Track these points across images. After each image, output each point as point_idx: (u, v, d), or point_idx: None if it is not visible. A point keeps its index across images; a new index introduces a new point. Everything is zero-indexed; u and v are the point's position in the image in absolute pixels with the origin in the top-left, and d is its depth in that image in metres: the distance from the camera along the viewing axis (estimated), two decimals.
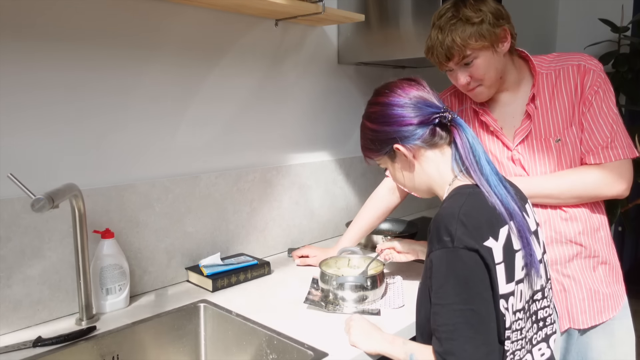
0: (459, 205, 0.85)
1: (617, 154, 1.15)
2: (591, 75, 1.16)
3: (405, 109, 0.93)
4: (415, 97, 0.94)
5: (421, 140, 0.93)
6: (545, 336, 0.96)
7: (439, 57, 1.16)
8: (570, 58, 1.20)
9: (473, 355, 0.81)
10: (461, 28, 1.11)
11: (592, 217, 1.21)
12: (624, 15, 2.91)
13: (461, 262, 0.81)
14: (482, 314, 0.82)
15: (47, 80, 1.16)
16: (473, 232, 0.81)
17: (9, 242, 1.10)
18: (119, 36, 1.27)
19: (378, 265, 1.35)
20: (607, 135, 1.15)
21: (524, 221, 0.89)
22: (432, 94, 0.96)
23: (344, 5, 1.84)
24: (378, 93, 0.99)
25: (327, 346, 1.04)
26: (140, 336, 1.16)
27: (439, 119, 0.92)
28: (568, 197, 1.17)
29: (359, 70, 2.01)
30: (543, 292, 0.95)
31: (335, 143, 1.95)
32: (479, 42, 1.11)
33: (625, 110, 2.92)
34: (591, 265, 1.22)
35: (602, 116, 1.15)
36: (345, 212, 1.98)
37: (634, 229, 3.08)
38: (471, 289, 0.81)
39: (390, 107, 0.94)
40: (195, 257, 1.47)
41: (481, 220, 0.84)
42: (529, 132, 1.21)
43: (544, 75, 1.21)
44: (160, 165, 1.39)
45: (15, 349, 1.03)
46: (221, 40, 1.51)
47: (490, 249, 0.82)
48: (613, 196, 1.17)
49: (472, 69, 1.16)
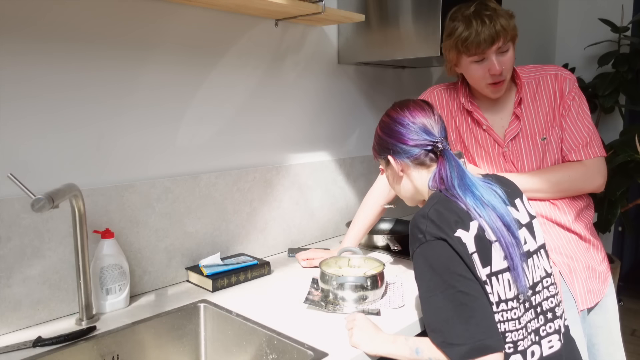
0: (429, 207, 0.95)
1: (595, 152, 1.29)
2: (567, 83, 1.32)
3: (406, 129, 1.03)
4: (419, 123, 1.03)
5: (410, 159, 1.04)
6: (558, 328, 0.99)
7: (486, 41, 1.22)
8: (546, 68, 1.36)
9: (476, 333, 0.85)
10: (503, 17, 1.22)
11: (573, 205, 1.33)
12: (624, 15, 2.91)
13: (436, 252, 0.90)
14: (471, 293, 0.87)
15: (47, 81, 1.16)
16: (440, 225, 0.91)
17: (9, 242, 1.10)
18: (118, 36, 1.27)
19: (378, 265, 1.35)
20: (585, 136, 1.30)
21: (506, 217, 0.94)
22: (436, 123, 1.04)
23: (344, 5, 1.84)
24: (393, 107, 1.09)
25: (327, 346, 1.04)
26: (140, 336, 1.16)
27: (432, 147, 1.02)
28: (555, 191, 1.29)
29: (359, 70, 2.01)
30: (543, 283, 0.99)
31: (335, 143, 1.95)
32: (513, 34, 1.24)
33: (625, 110, 2.92)
34: (584, 247, 1.34)
35: (580, 119, 1.31)
36: (345, 212, 1.98)
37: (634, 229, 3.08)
38: (454, 273, 0.88)
39: (395, 123, 1.05)
40: (195, 257, 1.47)
41: (449, 216, 0.92)
42: (518, 132, 1.34)
43: (526, 83, 1.35)
44: (160, 165, 1.39)
45: (15, 349, 1.03)
46: (221, 40, 1.51)
47: (460, 238, 0.90)
48: (592, 190, 1.31)
49: (505, 58, 1.25)
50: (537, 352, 0.94)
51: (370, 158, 2.08)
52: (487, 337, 0.85)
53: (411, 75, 2.27)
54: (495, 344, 0.85)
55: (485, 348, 0.84)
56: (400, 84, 2.23)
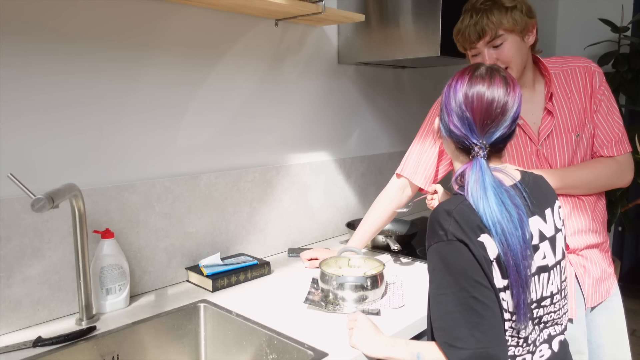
0: (455, 205, 0.89)
1: (625, 148, 1.29)
2: (597, 76, 1.28)
3: (454, 112, 0.92)
4: (478, 112, 0.90)
5: (448, 134, 0.95)
6: (548, 337, 0.97)
7: (471, 36, 1.23)
8: (575, 60, 1.31)
9: (481, 341, 0.82)
10: (496, 10, 1.20)
11: (597, 205, 1.33)
12: (624, 15, 2.91)
13: (457, 253, 0.86)
14: (484, 301, 0.84)
15: (47, 81, 1.16)
16: (464, 227, 0.86)
17: (9, 242, 1.10)
18: (118, 36, 1.27)
19: (378, 265, 1.35)
20: (617, 132, 1.28)
21: (523, 234, 0.87)
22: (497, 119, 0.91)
23: (344, 5, 1.84)
24: (464, 74, 0.94)
25: (327, 346, 1.04)
26: (140, 336, 1.16)
27: (472, 145, 0.91)
28: (592, 187, 1.28)
29: (359, 70, 2.01)
30: (552, 299, 0.95)
31: (335, 143, 1.95)
32: (511, 25, 1.20)
33: (625, 110, 2.93)
34: (599, 250, 1.33)
35: (611, 115, 1.28)
36: (345, 212, 1.98)
37: (634, 229, 3.08)
38: (470, 278, 0.85)
39: (451, 97, 0.93)
40: (195, 257, 1.47)
41: (474, 218, 0.87)
42: (552, 128, 1.30)
43: (554, 75, 1.30)
44: (160, 165, 1.39)
45: (15, 349, 1.03)
46: (221, 40, 1.51)
47: (483, 243, 0.85)
48: (622, 185, 1.31)
49: (500, 51, 1.23)
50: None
51: (371, 158, 2.08)
52: (492, 347, 0.83)
53: (411, 75, 2.27)
54: (499, 354, 0.83)
55: (488, 357, 0.83)
56: (400, 84, 2.23)
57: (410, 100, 2.28)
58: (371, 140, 2.11)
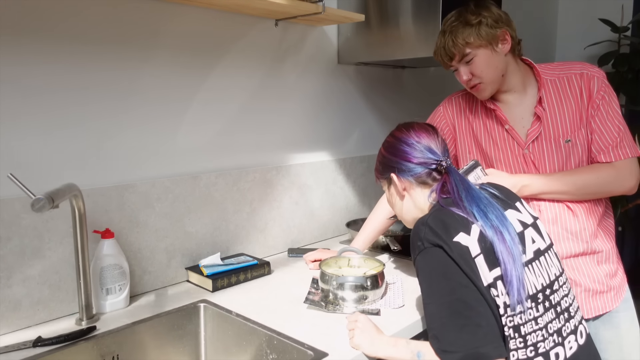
0: (428, 215, 0.97)
1: (626, 153, 1.24)
2: (595, 81, 1.25)
3: (411, 148, 1.06)
4: (424, 143, 1.06)
5: (414, 177, 1.06)
6: (574, 328, 0.98)
7: (443, 58, 1.28)
8: (572, 67, 1.30)
9: (470, 341, 0.85)
10: (461, 29, 1.23)
11: (594, 211, 1.29)
12: (624, 15, 2.91)
13: (435, 258, 0.91)
14: (468, 300, 0.87)
15: (47, 81, 1.16)
16: (437, 231, 0.92)
17: (9, 242, 1.10)
18: (118, 36, 1.27)
19: (378, 265, 1.35)
20: (615, 136, 1.24)
21: (504, 222, 0.95)
22: (439, 144, 1.07)
23: (344, 5, 1.84)
24: (398, 128, 1.12)
25: (327, 346, 1.04)
26: (140, 336, 1.16)
27: (436, 165, 1.04)
28: (583, 193, 1.25)
29: (358, 70, 2.01)
30: (558, 281, 0.99)
31: (335, 143, 1.95)
32: (476, 41, 1.22)
33: (626, 110, 2.92)
34: (595, 261, 1.29)
35: (610, 119, 1.25)
36: (345, 212, 1.98)
37: (634, 229, 3.08)
38: (450, 280, 0.89)
39: (400, 142, 1.08)
40: (195, 257, 1.47)
41: (448, 221, 0.93)
42: (540, 132, 1.29)
43: (549, 81, 1.30)
44: (160, 165, 1.39)
45: (15, 349, 1.03)
46: (221, 40, 1.51)
47: (459, 243, 0.90)
48: (623, 192, 1.26)
49: (472, 66, 1.26)
50: (561, 354, 0.93)
51: (371, 158, 2.08)
52: (482, 345, 0.84)
53: (411, 75, 2.27)
54: (491, 352, 0.84)
55: (479, 356, 0.84)
56: (400, 84, 2.23)
57: (410, 100, 2.28)
58: (371, 140, 2.11)
